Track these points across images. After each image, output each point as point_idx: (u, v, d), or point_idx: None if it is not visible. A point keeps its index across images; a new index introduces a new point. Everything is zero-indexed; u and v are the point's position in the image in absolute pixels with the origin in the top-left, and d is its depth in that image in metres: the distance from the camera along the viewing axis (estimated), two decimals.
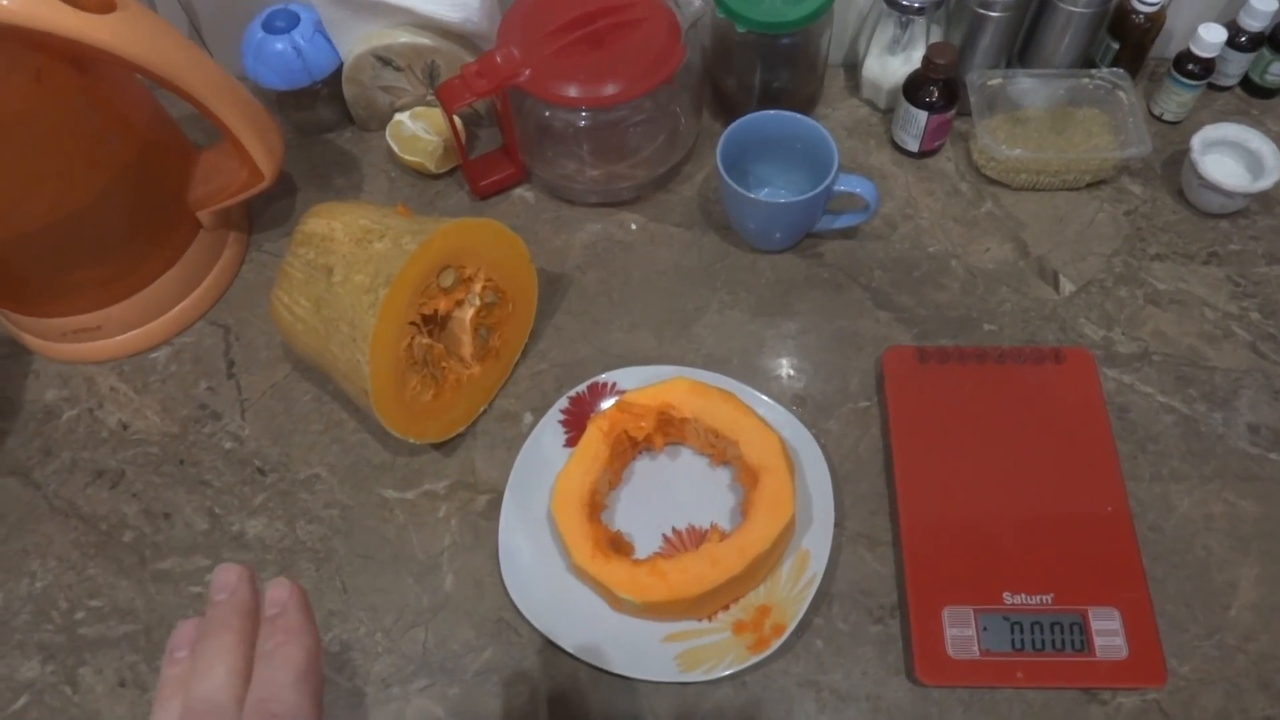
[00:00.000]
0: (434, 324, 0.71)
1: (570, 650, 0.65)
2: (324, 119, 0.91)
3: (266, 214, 0.88)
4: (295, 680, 0.37)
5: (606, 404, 0.73)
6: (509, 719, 0.64)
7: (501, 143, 0.87)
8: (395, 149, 0.87)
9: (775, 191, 0.84)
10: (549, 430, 0.73)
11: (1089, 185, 0.86)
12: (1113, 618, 0.64)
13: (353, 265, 0.66)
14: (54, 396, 0.79)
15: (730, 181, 0.76)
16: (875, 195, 0.77)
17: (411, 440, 0.70)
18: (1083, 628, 0.64)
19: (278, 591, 0.40)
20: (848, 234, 0.84)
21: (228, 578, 0.40)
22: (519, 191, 0.88)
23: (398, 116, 0.87)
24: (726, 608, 0.66)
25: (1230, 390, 0.75)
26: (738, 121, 0.79)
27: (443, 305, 0.69)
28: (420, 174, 0.89)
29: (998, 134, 0.84)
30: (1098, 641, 0.63)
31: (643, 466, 0.73)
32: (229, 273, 0.84)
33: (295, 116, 0.91)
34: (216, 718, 0.36)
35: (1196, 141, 0.81)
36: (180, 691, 0.37)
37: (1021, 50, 0.88)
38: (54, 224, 0.69)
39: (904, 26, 0.84)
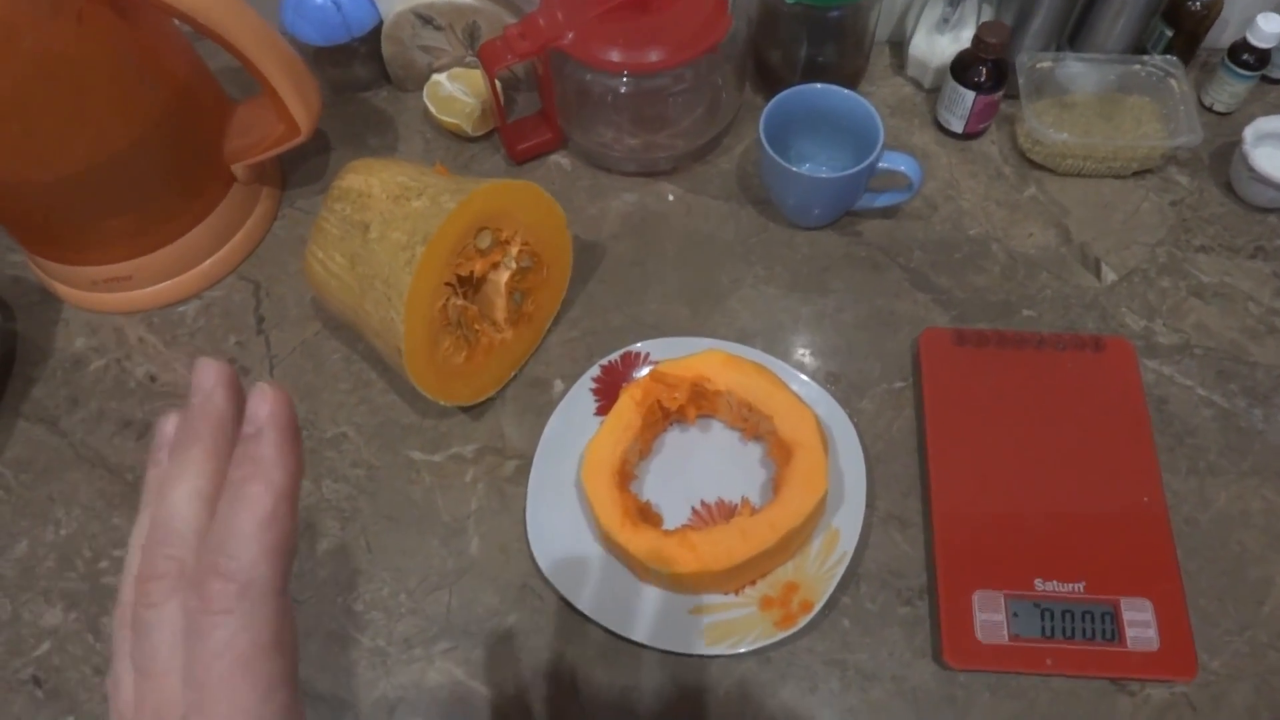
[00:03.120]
0: (469, 286, 0.71)
1: (595, 618, 0.64)
2: (360, 77, 0.91)
3: (300, 171, 0.88)
4: (255, 530, 0.31)
5: (639, 374, 0.73)
6: (531, 684, 0.64)
7: (539, 107, 0.86)
8: (432, 110, 0.86)
9: (816, 168, 0.83)
10: (580, 398, 0.72)
11: (1135, 174, 0.84)
12: (1145, 609, 0.63)
13: (390, 222, 0.65)
14: (83, 346, 0.79)
15: (773, 154, 0.74)
16: (920, 174, 0.76)
17: (441, 402, 0.69)
18: (1114, 618, 0.63)
19: (256, 404, 0.33)
20: (887, 213, 0.83)
21: (204, 377, 0.34)
22: (555, 158, 0.87)
23: (435, 77, 0.87)
24: (754, 583, 0.65)
25: (1271, 386, 0.73)
26: (783, 93, 0.77)
27: (478, 267, 0.69)
28: (456, 136, 0.88)
29: (1045, 118, 0.83)
30: (1129, 632, 0.62)
31: (673, 438, 0.72)
32: (261, 228, 0.83)
33: (331, 74, 0.90)
34: (173, 547, 0.32)
35: (1249, 133, 0.80)
36: (154, 501, 0.33)
37: (1073, 34, 0.86)
38: (89, 170, 0.69)
39: (954, 5, 0.83)
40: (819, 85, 0.78)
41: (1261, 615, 0.65)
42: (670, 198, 0.85)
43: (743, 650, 0.62)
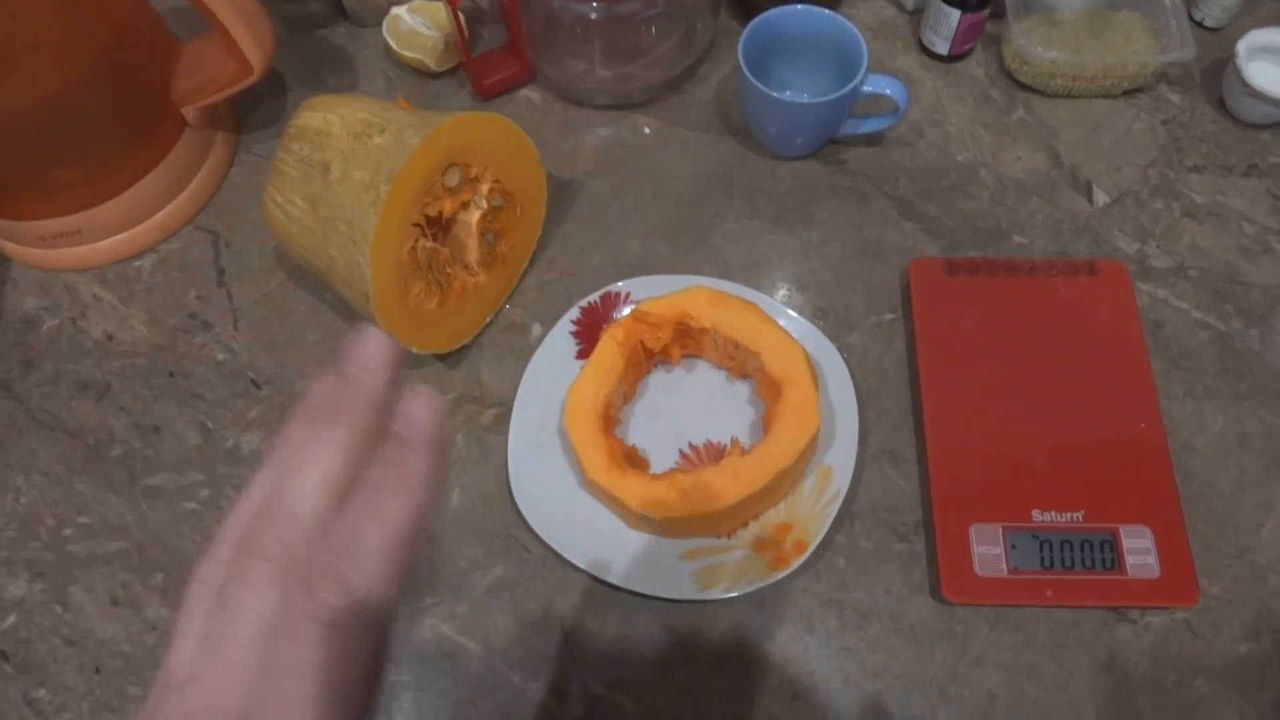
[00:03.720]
0: (438, 227, 0.67)
1: (583, 567, 0.62)
2: (315, 12, 0.86)
3: (255, 114, 0.84)
4: (389, 545, 0.28)
5: (620, 314, 0.70)
6: (520, 637, 0.62)
7: (506, 39, 0.82)
8: (392, 45, 0.81)
9: (798, 94, 0.80)
10: (559, 341, 0.70)
11: (1126, 93, 0.81)
12: (1145, 536, 0.62)
13: (351, 161, 0.62)
14: (34, 305, 0.75)
15: (753, 80, 0.71)
16: (906, 96, 0.73)
17: (415, 350, 0.66)
18: (1114, 546, 0.62)
19: (418, 408, 0.30)
20: (872, 140, 0.80)
21: (367, 350, 0.31)
22: (525, 92, 0.84)
23: (395, 10, 0.82)
24: (746, 524, 0.63)
25: (1268, 307, 0.72)
26: (762, 16, 0.74)
27: (447, 207, 0.65)
28: (419, 72, 0.84)
29: (1033, 36, 0.79)
30: (1129, 560, 0.61)
31: (658, 379, 0.69)
32: (217, 175, 0.79)
33: (285, 9, 0.85)
34: (289, 531, 0.28)
35: (1242, 47, 0.77)
36: (275, 476, 0.30)
37: None
38: (26, 114, 0.64)
39: None
40: (799, 6, 0.74)
41: (1261, 539, 0.64)
42: (646, 131, 0.81)
43: (736, 594, 0.61)
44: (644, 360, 0.68)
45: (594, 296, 0.71)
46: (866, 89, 0.72)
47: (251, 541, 0.29)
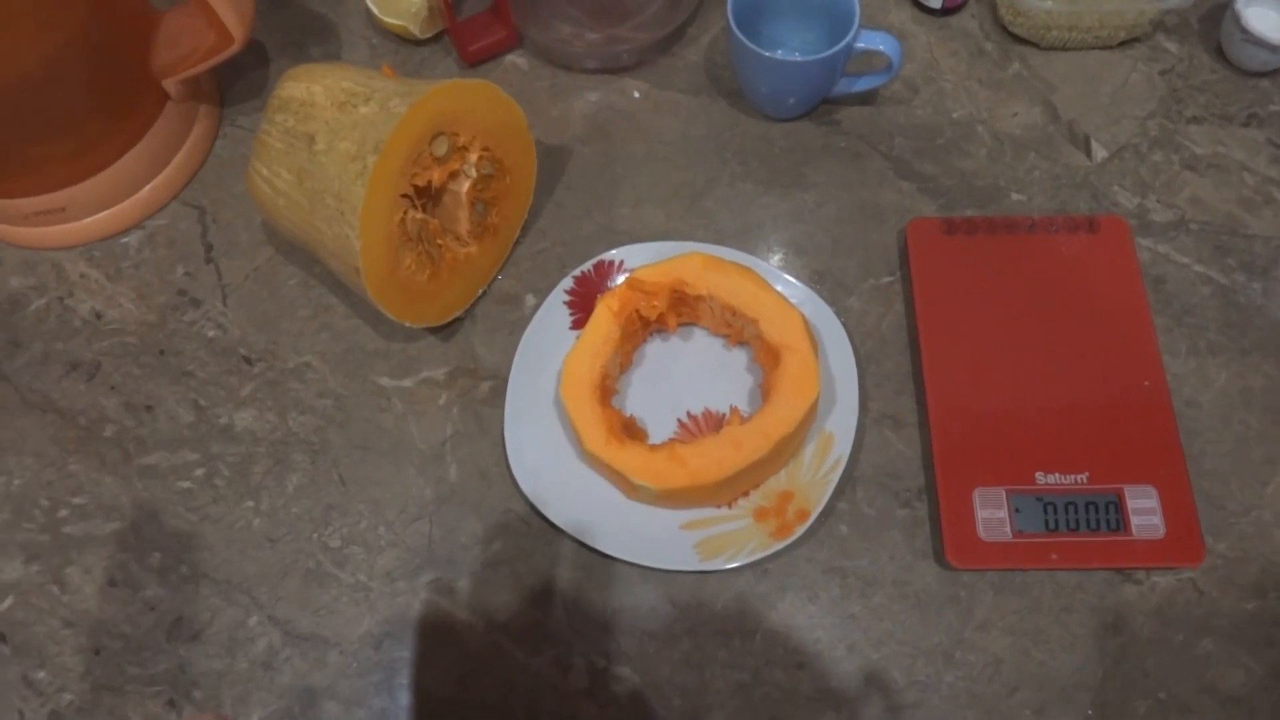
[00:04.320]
0: (427, 198, 0.66)
1: (583, 540, 0.62)
2: None
3: (238, 86, 0.82)
4: None
5: (615, 282, 0.69)
6: (522, 611, 0.61)
7: (491, 3, 0.80)
8: (375, 11, 0.80)
9: (789, 53, 0.78)
10: (553, 312, 0.69)
11: (1122, 44, 0.80)
12: (1150, 496, 0.61)
13: (337, 132, 0.60)
14: (19, 284, 0.74)
15: (743, 38, 0.70)
16: (900, 52, 0.71)
17: (407, 324, 0.65)
18: (1119, 507, 0.61)
19: None
20: (866, 99, 0.78)
21: None
22: (511, 58, 0.82)
23: None
24: (747, 494, 0.63)
25: (1270, 259, 0.71)
26: None
27: (436, 176, 0.64)
28: (403, 39, 0.82)
29: None
30: (1134, 521, 0.61)
31: (654, 348, 0.68)
32: (201, 149, 0.78)
33: None
34: None
35: None
36: None
37: None
38: (5, 90, 0.63)
39: None
40: None
41: (1266, 495, 0.63)
42: (636, 95, 0.80)
43: (738, 564, 0.60)
44: (640, 329, 0.67)
45: (587, 265, 0.70)
46: (859, 46, 0.71)
47: None
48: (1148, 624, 0.60)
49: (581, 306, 0.69)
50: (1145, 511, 0.61)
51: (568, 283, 0.70)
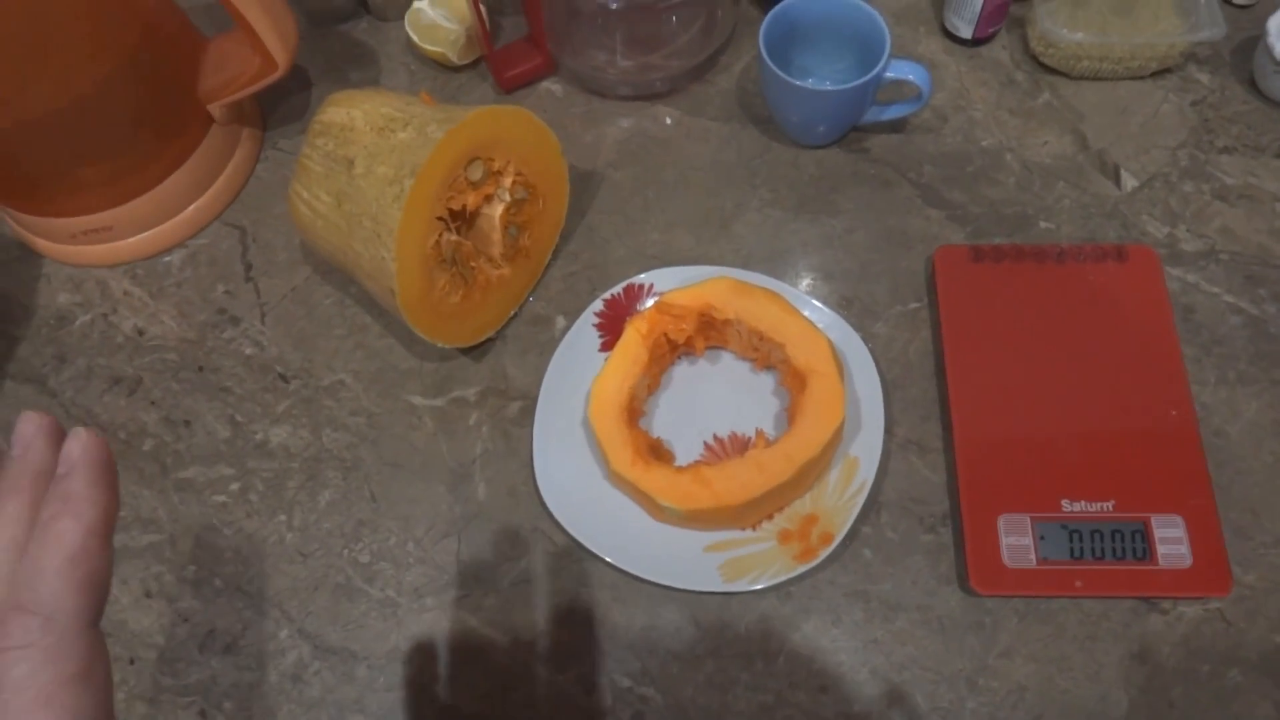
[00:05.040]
0: (462, 221, 0.67)
1: (609, 559, 0.62)
2: (338, 7, 0.86)
3: (281, 110, 0.84)
4: (61, 565, 0.32)
5: (644, 306, 0.70)
6: (547, 630, 0.62)
7: (527, 31, 0.82)
8: (414, 38, 0.82)
9: (820, 81, 0.79)
10: (583, 334, 0.70)
11: (1153, 74, 0.80)
12: (1176, 525, 0.61)
13: (375, 156, 0.62)
14: (66, 301, 0.76)
15: (774, 68, 0.71)
16: (929, 81, 0.72)
17: (440, 344, 0.67)
18: (1145, 535, 0.61)
19: (69, 446, 0.34)
20: (895, 127, 0.79)
21: (23, 431, 0.35)
22: (546, 84, 0.84)
23: (416, 4, 0.82)
24: (771, 517, 0.63)
25: None
26: (782, 3, 0.73)
27: (471, 200, 0.65)
28: (441, 66, 0.84)
29: (1058, 17, 0.78)
30: (1160, 550, 0.60)
31: (682, 371, 0.69)
32: (243, 171, 0.80)
33: (308, 5, 0.86)
34: None
35: (1273, 24, 0.76)
36: None
37: None
38: (56, 113, 0.65)
39: None
40: None
41: None
42: (668, 121, 0.81)
43: (762, 586, 0.61)
44: (668, 352, 0.68)
45: (617, 289, 0.71)
46: (889, 75, 0.71)
47: None
48: (1174, 654, 0.59)
49: (611, 329, 0.70)
50: (1172, 541, 0.61)
51: (597, 305, 0.71)
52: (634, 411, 0.65)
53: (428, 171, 0.60)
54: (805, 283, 0.73)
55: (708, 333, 0.68)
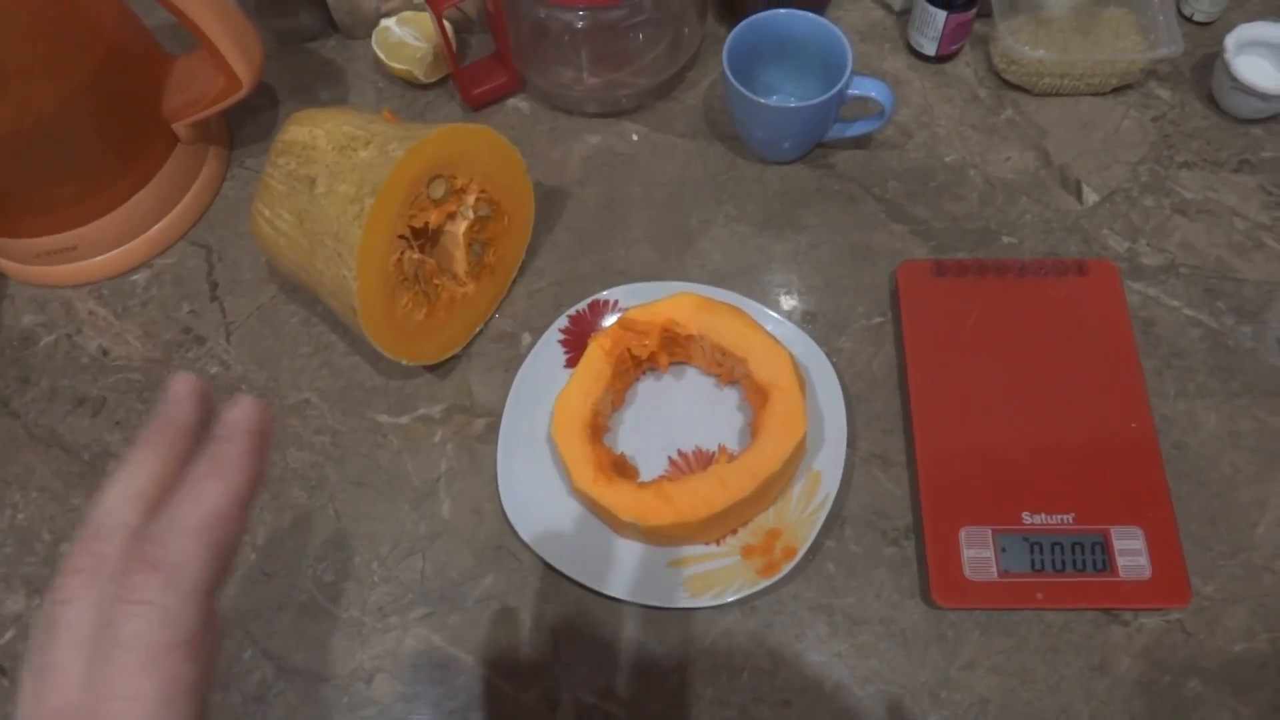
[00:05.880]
0: (425, 238, 0.68)
1: (573, 576, 0.62)
2: (306, 26, 0.87)
3: (248, 128, 0.84)
4: (197, 526, 0.31)
5: (608, 322, 0.70)
6: (511, 647, 0.62)
7: (494, 49, 0.82)
8: (382, 57, 0.82)
9: (784, 98, 0.80)
10: (548, 350, 0.70)
11: (1114, 90, 0.81)
12: (1136, 537, 0.62)
13: (336, 175, 0.62)
14: (30, 322, 0.76)
15: (738, 85, 0.71)
16: (891, 99, 0.72)
17: (404, 362, 0.67)
18: (1105, 547, 0.61)
19: (232, 411, 0.34)
20: (860, 143, 0.79)
21: (177, 387, 0.35)
22: (514, 101, 0.84)
23: (384, 22, 0.83)
24: (735, 531, 0.63)
25: (1260, 303, 0.71)
26: (746, 21, 0.74)
27: (434, 218, 0.65)
28: (409, 84, 0.84)
29: (1020, 35, 0.79)
30: (1120, 561, 0.61)
31: (646, 387, 0.69)
32: (209, 190, 0.80)
33: (276, 24, 0.86)
34: (99, 542, 0.31)
35: (1230, 41, 0.77)
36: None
37: None
38: (18, 134, 0.65)
39: None
40: (783, 11, 0.74)
41: (1255, 537, 0.63)
42: (635, 138, 0.82)
43: (726, 601, 0.61)
44: (632, 368, 0.68)
45: (582, 305, 0.71)
46: (852, 92, 0.72)
47: (67, 563, 0.31)
48: (1135, 665, 0.60)
49: (575, 345, 0.70)
50: (1131, 552, 0.61)
51: (562, 321, 0.71)
52: (597, 428, 0.65)
53: (389, 190, 0.60)
54: (770, 297, 0.73)
55: (671, 348, 0.68)
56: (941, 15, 0.78)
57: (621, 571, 0.62)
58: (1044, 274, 0.71)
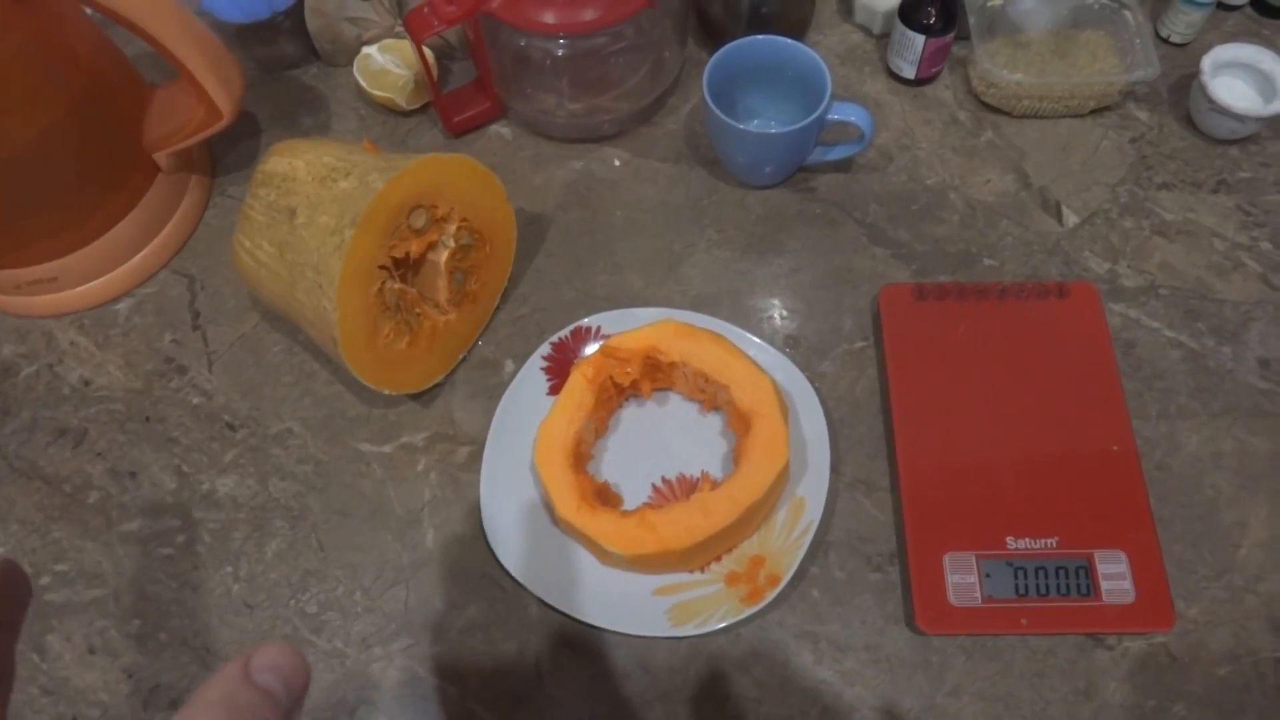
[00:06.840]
0: (406, 268, 0.68)
1: (557, 605, 0.62)
2: (287, 54, 0.87)
3: (230, 156, 0.84)
4: None
5: (591, 349, 0.70)
6: (495, 676, 0.62)
7: (475, 76, 0.83)
8: (364, 84, 0.82)
9: (765, 123, 0.80)
10: (531, 378, 0.70)
11: (1093, 112, 0.82)
12: (1119, 561, 0.62)
13: (317, 206, 0.62)
14: (11, 353, 0.76)
15: (718, 112, 0.71)
16: (871, 123, 0.73)
17: (386, 391, 0.67)
18: (1089, 571, 0.61)
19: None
20: (841, 167, 0.80)
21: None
22: (495, 128, 0.84)
23: (365, 50, 0.83)
24: (719, 559, 0.63)
25: (1240, 323, 0.72)
26: (725, 47, 0.74)
27: (415, 247, 0.65)
28: (391, 111, 0.84)
29: (998, 58, 0.80)
30: (1104, 585, 0.61)
31: (630, 414, 0.69)
32: (191, 219, 0.80)
33: (257, 52, 0.86)
34: None
35: (1207, 63, 0.77)
36: None
37: None
38: None
39: None
40: (762, 37, 0.75)
41: (1238, 559, 0.63)
42: (617, 163, 0.82)
43: (711, 629, 0.61)
44: (614, 395, 0.68)
45: (565, 332, 0.71)
46: (831, 117, 0.72)
47: None
48: (1120, 689, 0.60)
49: (558, 372, 0.70)
50: (1115, 576, 0.61)
51: (545, 349, 0.71)
52: (580, 456, 0.65)
53: (369, 221, 0.60)
54: (752, 322, 0.73)
55: (654, 375, 0.68)
56: (920, 39, 0.78)
57: (605, 600, 0.62)
58: (1025, 296, 0.71)
